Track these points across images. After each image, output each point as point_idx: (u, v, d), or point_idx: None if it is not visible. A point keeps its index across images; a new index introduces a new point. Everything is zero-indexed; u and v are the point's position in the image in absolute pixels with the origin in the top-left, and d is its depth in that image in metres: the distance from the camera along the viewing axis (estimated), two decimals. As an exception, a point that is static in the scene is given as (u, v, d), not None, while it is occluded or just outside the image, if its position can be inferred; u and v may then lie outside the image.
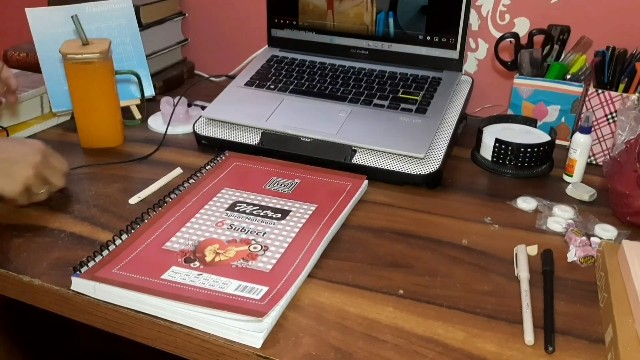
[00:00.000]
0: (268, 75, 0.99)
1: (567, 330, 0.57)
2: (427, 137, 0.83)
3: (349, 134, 0.84)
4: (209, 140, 0.91)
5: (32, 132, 0.98)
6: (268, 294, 0.58)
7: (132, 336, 0.61)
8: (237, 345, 0.55)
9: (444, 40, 0.95)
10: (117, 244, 0.66)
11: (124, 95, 0.99)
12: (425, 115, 0.87)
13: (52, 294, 0.63)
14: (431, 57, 0.97)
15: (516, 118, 0.93)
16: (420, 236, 0.72)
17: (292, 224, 0.70)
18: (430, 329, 0.57)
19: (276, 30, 1.06)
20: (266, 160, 0.85)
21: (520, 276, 0.63)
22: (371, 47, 1.00)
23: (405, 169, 0.81)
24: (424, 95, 0.91)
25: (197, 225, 0.70)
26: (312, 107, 0.91)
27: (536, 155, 0.84)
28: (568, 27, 0.94)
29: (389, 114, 0.88)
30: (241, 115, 0.90)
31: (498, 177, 0.86)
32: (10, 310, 1.16)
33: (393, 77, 0.96)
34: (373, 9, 0.97)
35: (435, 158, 0.81)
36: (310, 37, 1.03)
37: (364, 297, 0.61)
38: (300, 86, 0.96)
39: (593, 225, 0.73)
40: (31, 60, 1.12)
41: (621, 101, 0.83)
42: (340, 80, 0.96)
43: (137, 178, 0.84)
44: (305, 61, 1.02)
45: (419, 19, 0.95)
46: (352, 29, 1.00)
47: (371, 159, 0.83)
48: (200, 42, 1.31)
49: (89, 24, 0.96)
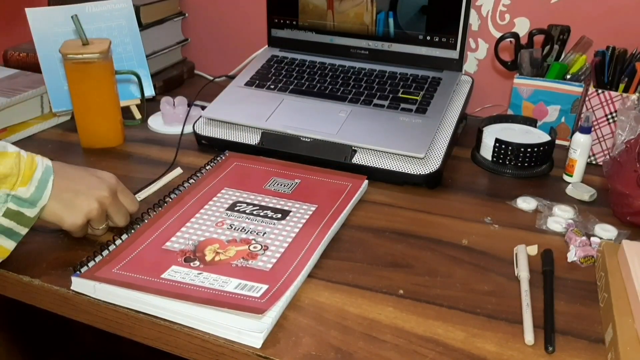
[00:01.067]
0: (268, 75, 0.99)
1: (567, 330, 0.57)
2: (427, 137, 0.83)
3: (349, 134, 0.84)
4: (209, 140, 0.91)
5: (32, 132, 0.98)
6: (268, 292, 0.58)
7: (132, 336, 0.61)
8: (237, 345, 0.55)
9: (444, 40, 0.95)
10: (117, 244, 0.66)
11: (124, 95, 0.99)
12: (425, 115, 0.87)
13: (52, 294, 0.63)
14: (431, 57, 0.97)
15: (516, 118, 0.93)
16: (420, 236, 0.72)
17: (292, 224, 0.70)
18: (431, 329, 0.57)
19: (276, 30, 1.06)
20: (266, 161, 0.85)
21: (521, 276, 0.63)
22: (371, 47, 1.00)
23: (406, 169, 0.81)
24: (424, 95, 0.91)
25: (197, 225, 0.70)
26: (312, 107, 0.91)
27: (536, 155, 0.84)
28: (568, 27, 0.94)
29: (389, 113, 0.88)
30: (241, 115, 0.90)
31: (498, 177, 0.86)
32: (11, 310, 1.16)
33: (393, 77, 0.96)
34: (373, 9, 0.97)
35: (436, 158, 0.81)
36: (310, 37, 1.03)
37: (364, 297, 0.61)
38: (300, 86, 0.96)
39: (593, 225, 0.73)
40: (31, 60, 1.12)
41: (621, 101, 0.83)
42: (340, 80, 0.96)
43: (137, 178, 0.84)
44: (305, 61, 1.02)
45: (419, 19, 0.95)
46: (352, 29, 1.00)
47: (371, 159, 0.83)
48: (200, 42, 1.31)
49: (89, 23, 0.96)
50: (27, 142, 0.95)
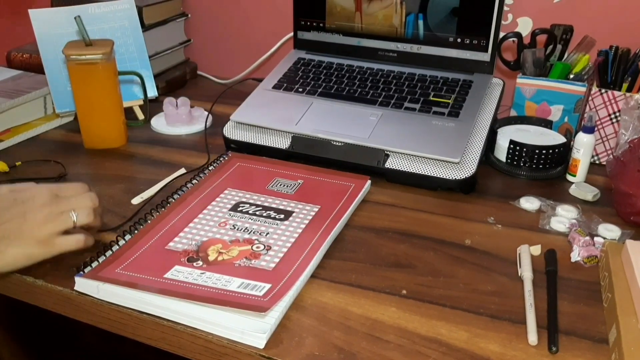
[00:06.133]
0: (295, 78, 0.98)
1: (570, 331, 0.57)
2: (462, 141, 0.81)
3: (381, 138, 0.83)
4: (238, 144, 0.90)
5: (35, 133, 0.98)
6: (271, 291, 0.58)
7: (135, 336, 0.61)
8: (241, 346, 0.55)
9: (475, 42, 0.93)
10: (120, 245, 0.66)
11: (126, 96, 1.00)
12: (458, 118, 0.85)
13: (56, 294, 0.63)
14: (462, 59, 0.95)
15: (531, 119, 0.92)
16: (423, 236, 0.72)
17: (295, 225, 0.70)
18: (434, 329, 0.57)
19: (302, 32, 1.04)
20: (269, 161, 0.85)
21: (524, 276, 0.63)
22: (400, 50, 0.99)
23: (440, 174, 0.79)
24: (455, 98, 0.90)
25: (200, 225, 0.70)
26: (342, 110, 0.90)
27: (551, 157, 0.83)
28: (571, 27, 0.93)
29: (420, 117, 0.87)
30: (270, 118, 0.89)
31: (501, 177, 0.85)
32: (14, 310, 1.16)
33: (423, 79, 0.95)
34: (402, 11, 0.96)
35: (471, 163, 0.80)
36: (337, 40, 1.02)
37: (367, 298, 0.61)
38: (328, 89, 0.94)
39: (596, 225, 0.72)
40: (34, 61, 1.12)
41: (624, 100, 0.83)
42: (369, 83, 0.95)
43: (140, 179, 0.84)
44: (333, 64, 1.01)
45: (450, 21, 0.93)
46: (380, 31, 0.98)
47: (404, 164, 0.81)
48: (203, 42, 1.31)
49: (91, 24, 0.96)
50: (31, 143, 0.96)
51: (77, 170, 0.87)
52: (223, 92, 1.13)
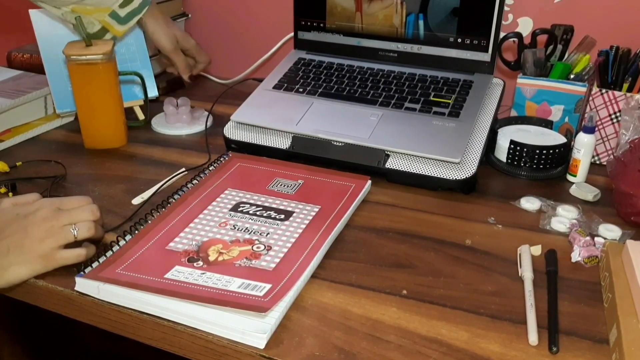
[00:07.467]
0: (296, 78, 0.98)
1: (571, 331, 0.57)
2: (462, 141, 0.81)
3: (381, 138, 0.83)
4: (238, 144, 0.90)
5: (35, 133, 0.98)
6: (271, 291, 0.58)
7: (136, 337, 0.61)
8: (241, 346, 0.55)
9: (476, 42, 0.93)
10: (120, 245, 0.66)
11: (127, 96, 1.00)
12: (458, 119, 0.85)
13: (56, 294, 0.63)
14: (462, 59, 0.95)
15: (532, 119, 0.92)
16: (424, 236, 0.72)
17: (296, 225, 0.70)
18: (434, 329, 0.57)
19: (303, 32, 1.04)
20: (269, 161, 0.85)
21: (524, 276, 0.63)
22: (400, 50, 0.99)
23: (441, 174, 0.79)
24: (456, 98, 0.89)
25: (200, 225, 0.70)
26: (343, 110, 0.90)
27: (552, 158, 0.83)
28: (571, 27, 0.93)
29: (421, 117, 0.87)
30: (271, 118, 0.89)
31: (501, 177, 0.85)
32: (15, 311, 1.16)
33: (423, 80, 0.95)
34: (403, 11, 0.95)
35: (471, 163, 0.80)
36: (338, 40, 1.02)
37: (368, 298, 0.61)
38: (329, 89, 0.94)
39: (597, 225, 0.72)
40: (35, 62, 1.12)
41: (625, 101, 0.83)
42: (369, 83, 0.95)
43: (141, 179, 0.84)
44: (333, 64, 1.01)
45: (450, 21, 0.93)
46: (380, 31, 0.98)
47: (405, 164, 0.81)
48: (204, 43, 1.31)
49: (92, 25, 0.96)
50: (31, 143, 0.96)
51: (77, 171, 0.87)
52: (223, 92, 1.13)
